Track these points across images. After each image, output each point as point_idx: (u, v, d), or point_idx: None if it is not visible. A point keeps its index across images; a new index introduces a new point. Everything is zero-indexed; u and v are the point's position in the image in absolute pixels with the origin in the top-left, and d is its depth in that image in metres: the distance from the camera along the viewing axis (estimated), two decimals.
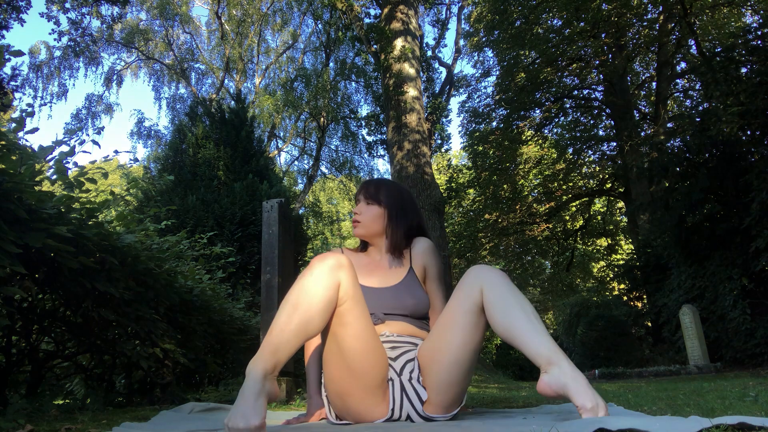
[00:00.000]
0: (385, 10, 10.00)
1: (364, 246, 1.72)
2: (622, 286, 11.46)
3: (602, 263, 16.38)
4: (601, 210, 15.67)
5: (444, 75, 13.14)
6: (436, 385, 1.33)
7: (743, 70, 7.02)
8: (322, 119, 15.46)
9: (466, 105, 14.68)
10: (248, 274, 5.16)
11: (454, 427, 1.20)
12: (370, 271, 1.60)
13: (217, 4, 15.87)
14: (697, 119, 7.45)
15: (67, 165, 2.02)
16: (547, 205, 13.73)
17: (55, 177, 2.01)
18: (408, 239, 1.66)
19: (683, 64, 12.06)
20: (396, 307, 1.50)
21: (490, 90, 14.37)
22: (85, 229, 1.88)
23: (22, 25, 8.11)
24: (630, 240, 13.72)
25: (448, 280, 8.72)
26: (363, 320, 1.29)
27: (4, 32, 7.78)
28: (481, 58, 15.03)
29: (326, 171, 18.65)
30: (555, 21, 11.71)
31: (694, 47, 10.79)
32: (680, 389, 2.68)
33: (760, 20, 8.79)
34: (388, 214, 1.64)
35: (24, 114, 1.88)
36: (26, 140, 1.94)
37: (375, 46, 9.73)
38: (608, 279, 14.22)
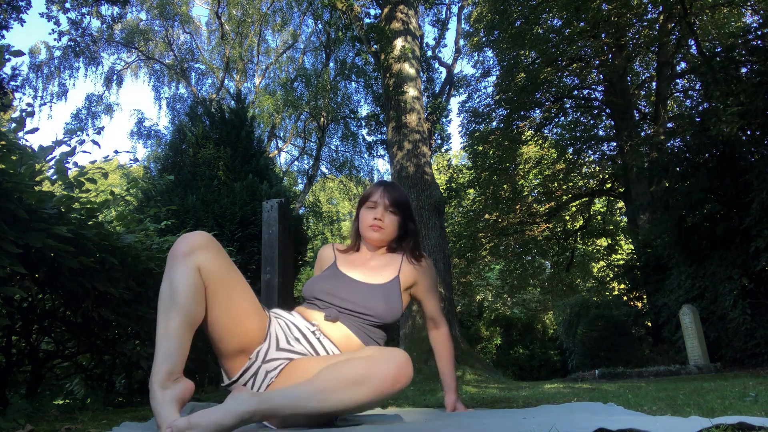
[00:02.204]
0: (385, 10, 10.00)
1: (356, 245, 1.73)
2: (622, 286, 11.45)
3: (602, 263, 16.36)
4: (601, 210, 15.66)
5: (444, 75, 13.14)
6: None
7: (743, 70, 7.02)
8: (322, 119, 15.46)
9: (466, 105, 14.67)
10: (248, 274, 5.16)
11: (453, 427, 1.20)
12: (357, 265, 1.62)
13: (217, 4, 15.87)
14: (697, 119, 7.44)
15: (67, 165, 2.03)
16: (547, 205, 13.72)
17: (55, 177, 2.01)
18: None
19: (683, 64, 12.05)
20: (364, 306, 1.48)
21: (490, 90, 14.37)
22: (85, 229, 1.88)
23: (22, 25, 8.11)
24: (630, 240, 13.71)
25: (448, 280, 8.72)
26: (229, 301, 1.28)
27: (4, 32, 7.79)
28: (481, 58, 15.02)
29: (326, 171, 18.66)
30: (555, 21, 11.71)
31: (694, 47, 10.78)
32: (680, 389, 2.67)
33: (760, 20, 8.80)
34: (405, 226, 1.68)
35: (24, 114, 1.88)
36: (26, 140, 1.95)
37: (375, 46, 9.73)
38: (608, 279, 14.19)
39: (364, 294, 1.50)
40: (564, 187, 13.89)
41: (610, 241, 15.33)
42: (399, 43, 9.55)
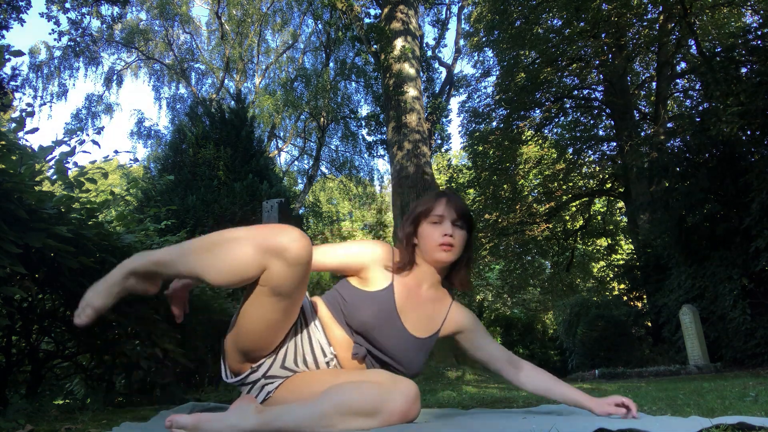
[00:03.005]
0: (385, 10, 10.00)
1: (411, 265, 1.43)
2: (622, 286, 11.45)
3: (602, 263, 16.37)
4: (601, 210, 15.66)
5: (444, 75, 13.17)
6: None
7: (743, 70, 7.02)
8: (322, 119, 15.46)
9: (466, 105, 14.68)
10: None
11: (453, 427, 1.20)
12: (413, 303, 1.41)
13: (217, 4, 15.88)
14: (697, 119, 7.45)
15: (67, 165, 2.03)
16: (547, 205, 13.72)
17: (55, 177, 2.01)
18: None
19: (683, 64, 12.06)
20: (405, 359, 1.35)
21: (490, 90, 14.38)
22: (85, 229, 1.88)
23: (22, 25, 8.11)
24: (630, 240, 13.71)
25: None
26: (269, 313, 1.18)
27: (4, 32, 7.79)
28: (481, 58, 15.04)
29: (326, 171, 18.66)
30: (555, 21, 11.72)
31: (694, 47, 10.78)
32: (680, 389, 2.67)
33: (760, 20, 8.80)
34: (469, 245, 1.45)
35: (24, 114, 1.88)
36: (26, 140, 1.95)
37: (375, 46, 9.73)
38: (608, 279, 14.20)
39: (409, 349, 1.36)
40: (564, 187, 13.90)
41: (610, 241, 15.34)
42: (399, 43, 9.55)
